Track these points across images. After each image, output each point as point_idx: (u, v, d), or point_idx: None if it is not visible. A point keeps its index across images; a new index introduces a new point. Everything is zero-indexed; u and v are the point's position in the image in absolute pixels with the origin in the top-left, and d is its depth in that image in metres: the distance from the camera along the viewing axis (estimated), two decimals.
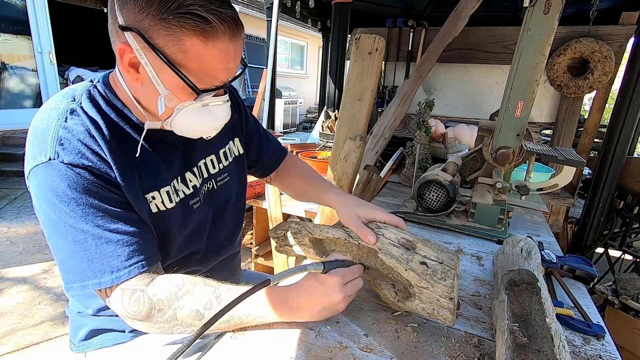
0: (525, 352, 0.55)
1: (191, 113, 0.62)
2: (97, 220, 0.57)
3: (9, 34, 4.76)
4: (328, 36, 3.46)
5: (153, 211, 0.67)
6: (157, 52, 0.54)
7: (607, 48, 1.94)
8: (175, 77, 0.56)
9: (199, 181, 0.77)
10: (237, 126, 0.89)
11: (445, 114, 2.61)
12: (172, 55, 0.55)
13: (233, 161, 0.87)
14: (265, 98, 3.24)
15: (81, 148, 0.57)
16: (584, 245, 2.34)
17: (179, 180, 0.72)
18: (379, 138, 2.16)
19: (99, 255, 0.58)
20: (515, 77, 1.06)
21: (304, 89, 10.87)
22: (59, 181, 0.55)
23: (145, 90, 0.61)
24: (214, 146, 0.82)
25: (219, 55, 0.57)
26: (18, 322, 1.99)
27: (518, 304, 0.68)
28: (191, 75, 0.57)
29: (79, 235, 0.57)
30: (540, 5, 0.98)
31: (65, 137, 0.57)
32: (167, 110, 0.62)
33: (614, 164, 2.14)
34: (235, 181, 0.88)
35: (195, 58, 0.55)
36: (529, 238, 0.92)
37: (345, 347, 0.65)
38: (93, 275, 0.58)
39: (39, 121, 0.60)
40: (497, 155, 1.15)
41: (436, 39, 2.27)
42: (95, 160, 0.58)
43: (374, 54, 1.27)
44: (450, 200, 1.21)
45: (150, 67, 0.57)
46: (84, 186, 0.56)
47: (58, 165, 0.55)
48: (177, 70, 0.55)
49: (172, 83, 0.58)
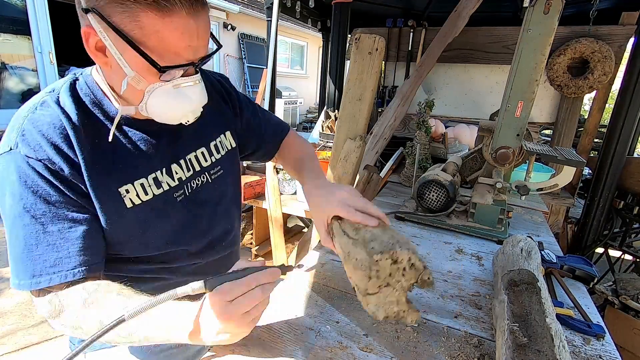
0: (525, 352, 0.55)
1: (163, 95, 0.61)
2: (37, 218, 0.56)
3: (9, 34, 4.76)
4: (328, 36, 3.46)
5: (128, 206, 0.65)
6: (116, 31, 0.53)
7: (607, 48, 1.95)
8: (138, 57, 0.55)
9: (187, 174, 0.75)
10: (228, 119, 0.87)
11: (445, 114, 2.61)
12: (130, 33, 0.53)
13: (226, 155, 0.85)
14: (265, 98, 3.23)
15: (40, 140, 0.56)
16: (584, 245, 2.34)
17: (163, 172, 0.70)
18: (379, 138, 2.16)
19: (27, 256, 0.56)
20: (515, 77, 1.06)
21: (304, 89, 10.87)
22: (12, 172, 0.55)
23: (116, 75, 0.60)
24: (204, 138, 0.80)
25: (178, 31, 0.55)
26: (18, 322, 1.99)
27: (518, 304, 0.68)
28: (153, 53, 0.55)
29: (19, 231, 0.56)
30: (540, 5, 0.98)
31: (27, 129, 0.57)
32: (138, 93, 0.61)
33: (614, 164, 2.14)
34: (230, 175, 0.87)
35: (153, 35, 0.54)
36: (529, 238, 0.92)
37: (345, 347, 0.65)
38: (18, 274, 0.57)
39: (18, 111, 0.61)
40: (497, 155, 1.15)
41: (436, 39, 2.27)
42: (52, 154, 0.57)
43: (374, 54, 1.27)
44: (450, 200, 1.21)
45: (114, 48, 0.55)
46: (33, 180, 0.56)
47: (15, 155, 0.55)
48: (136, 47, 0.54)
49: (137, 63, 0.56)
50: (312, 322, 0.71)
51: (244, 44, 8.83)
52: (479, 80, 2.51)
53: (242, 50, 8.81)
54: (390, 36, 2.56)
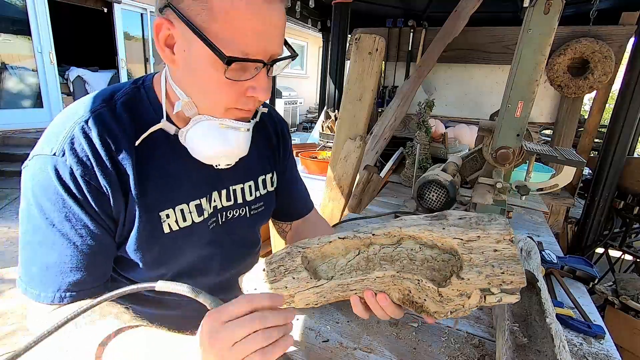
0: (526, 352, 0.55)
1: (206, 129, 0.58)
2: (69, 230, 0.55)
3: (9, 34, 4.76)
4: (328, 36, 3.46)
5: (165, 231, 0.63)
6: (182, 18, 0.50)
7: (607, 48, 1.94)
8: (204, 48, 0.50)
9: (225, 203, 0.72)
10: (277, 161, 0.84)
11: (445, 114, 2.61)
12: (197, 18, 0.50)
13: (267, 194, 0.82)
14: None
15: (89, 153, 0.54)
16: (584, 246, 2.34)
17: (207, 200, 0.68)
18: (379, 138, 2.16)
19: (46, 265, 0.55)
20: (515, 77, 1.06)
21: (304, 89, 10.87)
22: (54, 178, 0.52)
23: (182, 75, 0.57)
24: (255, 172, 0.78)
25: (248, 11, 0.50)
26: (18, 322, 1.99)
27: (518, 304, 0.68)
28: (218, 39, 0.50)
29: (44, 238, 0.55)
30: (540, 5, 0.97)
31: (77, 138, 0.54)
32: (186, 120, 0.59)
33: (614, 164, 2.14)
34: (268, 213, 0.84)
35: (221, 15, 0.49)
36: (529, 238, 0.92)
37: (345, 347, 0.65)
38: (32, 282, 0.56)
39: (63, 113, 0.58)
40: (497, 155, 1.15)
41: (436, 39, 2.27)
42: (97, 171, 0.54)
43: (374, 54, 1.27)
44: (450, 200, 1.21)
45: (180, 39, 0.53)
46: (73, 192, 0.53)
47: (60, 162, 0.53)
48: (201, 34, 0.50)
49: (202, 56, 0.52)
50: (312, 322, 0.71)
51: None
52: (479, 80, 2.51)
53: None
54: (390, 36, 2.56)
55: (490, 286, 0.48)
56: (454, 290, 0.48)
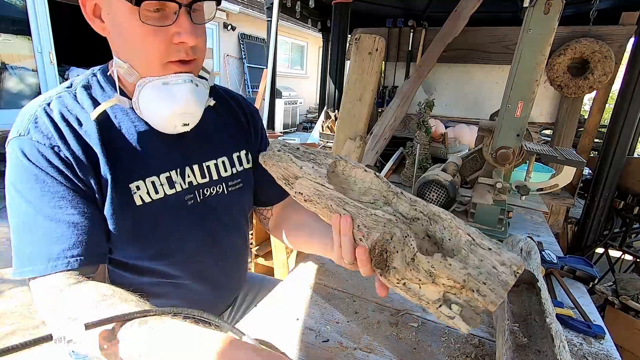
0: (526, 352, 0.55)
1: (151, 91, 0.60)
2: (48, 203, 0.55)
3: (9, 34, 4.76)
4: (328, 36, 3.46)
5: (137, 203, 0.63)
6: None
7: (607, 48, 1.94)
8: (120, 1, 0.54)
9: (200, 180, 0.73)
10: (249, 142, 0.85)
11: (445, 114, 2.61)
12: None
13: (244, 171, 0.82)
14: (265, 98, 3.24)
15: (52, 128, 0.57)
16: (584, 246, 2.34)
17: (177, 173, 0.69)
18: (379, 138, 2.16)
19: (33, 241, 0.55)
20: (515, 77, 1.06)
21: (304, 89, 10.87)
22: (21, 156, 0.55)
23: (115, 42, 0.61)
24: (227, 148, 0.79)
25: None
26: (18, 322, 1.99)
27: (518, 304, 0.68)
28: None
29: (26, 217, 0.55)
30: (540, 5, 0.97)
31: (40, 116, 0.57)
32: (132, 86, 0.62)
33: (614, 164, 2.14)
34: (248, 191, 0.84)
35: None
36: (529, 238, 0.92)
37: (345, 347, 0.65)
38: (23, 261, 0.55)
39: (31, 102, 0.61)
40: (497, 156, 1.15)
41: (436, 39, 2.27)
42: (62, 143, 0.57)
43: (374, 54, 1.27)
44: (450, 200, 1.21)
45: (102, 3, 0.57)
46: (43, 166, 0.55)
47: (25, 141, 0.55)
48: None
49: (120, 10, 0.55)
50: (312, 322, 0.71)
51: (244, 44, 8.83)
52: (479, 80, 2.51)
53: (242, 51, 8.81)
54: (390, 36, 2.56)
55: (459, 293, 0.44)
56: (428, 264, 0.45)
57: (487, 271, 0.43)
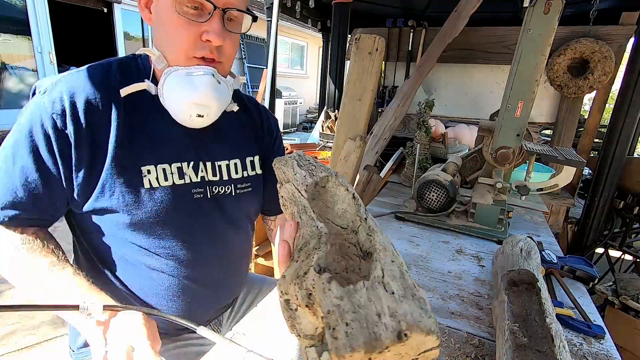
0: (526, 352, 0.55)
1: (174, 79, 0.64)
2: (21, 157, 0.60)
3: (9, 34, 4.75)
4: (328, 36, 3.46)
5: (146, 186, 0.65)
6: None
7: (607, 48, 1.94)
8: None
9: (211, 178, 0.75)
10: (260, 143, 0.86)
11: (445, 114, 2.61)
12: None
13: (255, 176, 0.83)
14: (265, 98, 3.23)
15: (62, 98, 0.60)
16: (584, 246, 2.34)
17: (189, 166, 0.71)
18: (379, 138, 2.15)
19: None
20: (516, 77, 1.06)
21: (304, 89, 10.87)
22: (30, 110, 0.60)
23: (156, 31, 0.66)
24: (240, 151, 0.80)
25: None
26: (18, 322, 1.99)
27: (518, 304, 0.68)
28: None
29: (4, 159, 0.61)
30: (540, 5, 0.97)
31: (60, 84, 0.61)
32: (159, 73, 0.67)
33: (614, 164, 2.14)
34: (256, 196, 0.84)
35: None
36: (528, 238, 0.92)
37: None
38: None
39: (74, 68, 0.67)
40: (497, 155, 1.15)
41: (436, 39, 2.27)
42: (63, 116, 0.60)
43: (374, 54, 1.27)
44: (450, 201, 1.21)
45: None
46: (36, 127, 0.59)
47: (38, 99, 0.61)
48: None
49: (165, 2, 0.61)
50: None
51: (244, 44, 8.83)
52: (479, 80, 2.50)
53: (242, 50, 8.81)
54: (390, 36, 2.56)
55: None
56: (312, 282, 0.36)
57: (365, 314, 0.32)
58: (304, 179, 0.52)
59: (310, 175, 0.53)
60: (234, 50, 0.70)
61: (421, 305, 0.34)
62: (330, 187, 0.54)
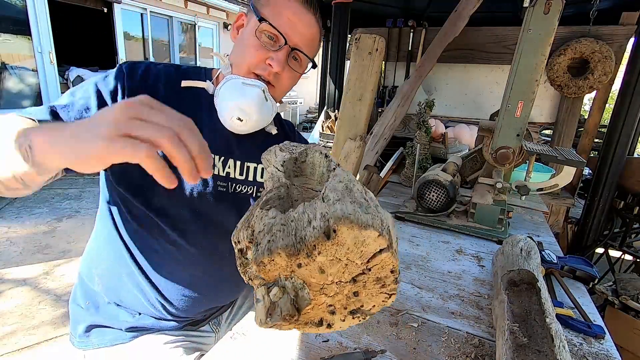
0: (526, 352, 0.55)
1: (230, 84, 0.72)
2: (78, 101, 0.67)
3: (9, 34, 4.75)
4: (328, 36, 3.45)
5: None
6: (252, 6, 0.71)
7: (607, 48, 1.94)
8: (253, 20, 0.71)
9: (238, 176, 0.80)
10: None
11: (445, 114, 2.61)
12: (257, 3, 0.72)
13: None
14: None
15: (134, 74, 0.71)
16: (584, 246, 2.34)
17: (219, 159, 0.77)
18: (379, 138, 2.15)
19: None
20: (516, 77, 1.06)
21: (304, 89, 10.86)
22: (113, 71, 0.71)
23: (235, 47, 0.76)
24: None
25: (286, 2, 0.71)
26: (18, 322, 1.99)
27: (518, 304, 0.68)
28: (263, 16, 0.70)
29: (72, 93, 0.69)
30: (540, 5, 0.98)
31: (139, 66, 0.73)
32: (221, 78, 0.76)
33: (614, 164, 2.14)
34: None
35: (271, 2, 0.71)
36: (528, 238, 0.92)
37: (345, 347, 0.65)
38: None
39: None
40: (497, 156, 1.15)
41: (436, 39, 2.27)
42: (129, 88, 0.69)
43: (374, 54, 1.27)
44: (450, 200, 1.21)
45: (245, 21, 0.75)
46: (106, 86, 0.69)
47: (122, 65, 0.72)
48: (254, 7, 0.71)
49: (249, 25, 0.73)
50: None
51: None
52: (479, 80, 2.50)
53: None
54: (390, 36, 2.56)
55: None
56: (256, 213, 0.33)
57: (295, 226, 0.30)
58: (282, 157, 0.52)
59: (290, 154, 0.54)
60: (290, 84, 0.78)
61: (361, 204, 0.30)
62: (309, 159, 0.55)
